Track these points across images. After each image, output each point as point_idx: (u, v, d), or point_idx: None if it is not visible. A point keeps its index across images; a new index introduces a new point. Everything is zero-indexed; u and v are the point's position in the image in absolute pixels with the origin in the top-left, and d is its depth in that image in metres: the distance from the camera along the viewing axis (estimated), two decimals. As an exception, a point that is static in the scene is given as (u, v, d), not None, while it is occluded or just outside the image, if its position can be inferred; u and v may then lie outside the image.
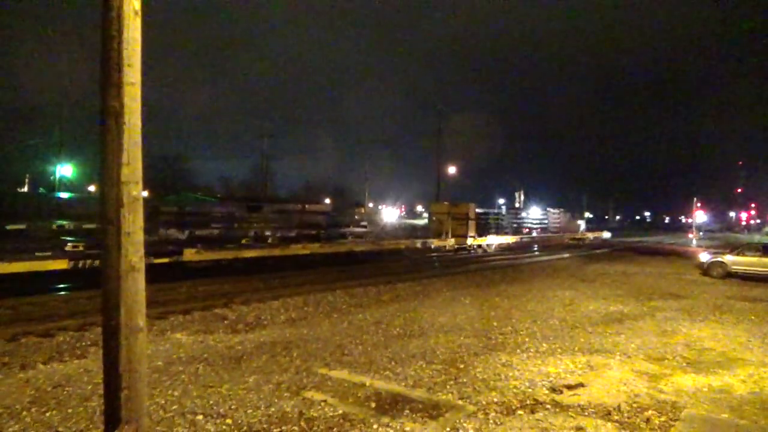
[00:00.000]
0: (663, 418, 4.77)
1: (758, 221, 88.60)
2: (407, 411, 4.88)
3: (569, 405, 5.08)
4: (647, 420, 4.73)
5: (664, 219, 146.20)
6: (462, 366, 6.43)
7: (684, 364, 6.67)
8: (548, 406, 5.04)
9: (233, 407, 4.97)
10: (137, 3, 2.62)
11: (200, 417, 4.72)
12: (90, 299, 10.92)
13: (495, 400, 5.20)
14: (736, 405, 5.20)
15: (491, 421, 4.65)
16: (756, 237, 52.78)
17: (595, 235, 50.69)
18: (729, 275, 17.09)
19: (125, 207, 2.58)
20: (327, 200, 52.70)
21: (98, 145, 2.60)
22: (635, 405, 5.11)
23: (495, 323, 9.18)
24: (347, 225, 25.67)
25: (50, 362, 6.59)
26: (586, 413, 4.88)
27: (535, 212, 54.70)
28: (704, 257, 18.53)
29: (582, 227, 52.94)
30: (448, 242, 28.19)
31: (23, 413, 4.79)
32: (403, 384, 5.73)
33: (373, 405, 5.05)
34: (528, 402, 5.17)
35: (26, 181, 44.81)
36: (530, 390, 5.54)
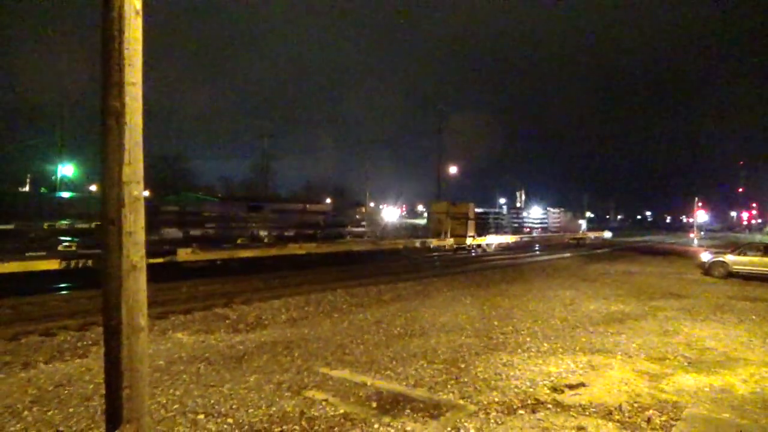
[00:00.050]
0: (664, 418, 4.77)
1: (759, 221, 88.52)
2: (408, 410, 4.88)
3: (570, 405, 5.08)
4: (648, 420, 4.73)
5: (666, 219, 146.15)
6: (463, 365, 6.43)
7: (685, 364, 6.66)
8: (549, 406, 5.04)
9: (234, 406, 4.97)
10: (138, 2, 2.61)
11: (201, 416, 4.72)
12: (90, 299, 10.94)
13: (496, 400, 5.20)
14: (738, 405, 5.19)
15: (492, 421, 4.65)
16: (757, 237, 52.69)
17: (596, 235, 50.63)
18: (730, 275, 17.06)
19: (126, 207, 2.57)
20: (328, 200, 52.69)
21: (99, 145, 2.60)
22: (636, 405, 5.10)
23: (496, 323, 9.17)
24: (345, 225, 25.51)
25: (51, 361, 6.61)
26: (588, 413, 4.87)
27: (537, 212, 54.68)
28: (705, 257, 18.52)
29: (583, 227, 52.89)
30: (448, 242, 28.10)
31: (25, 412, 4.80)
32: (405, 383, 5.73)
33: (375, 404, 5.05)
34: (529, 402, 5.16)
35: (27, 181, 44.80)
36: (531, 389, 5.54)
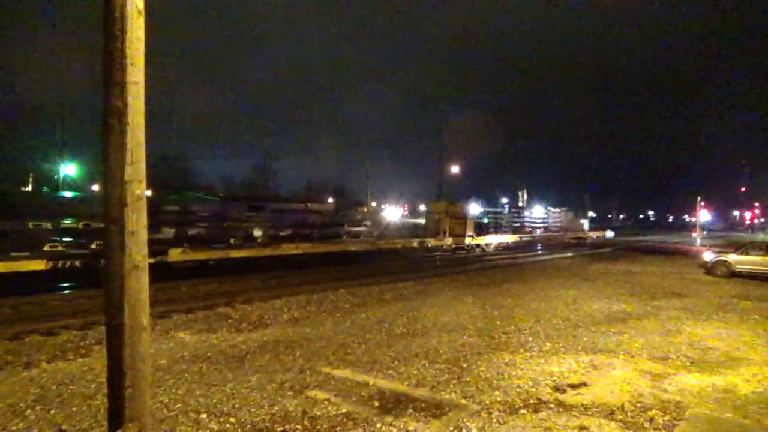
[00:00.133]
0: (667, 418, 4.76)
1: (762, 220, 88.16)
2: (410, 410, 4.88)
3: (573, 404, 5.07)
4: (651, 419, 4.71)
5: (668, 218, 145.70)
6: (465, 365, 6.43)
7: (688, 364, 6.65)
8: (552, 406, 5.03)
9: (237, 406, 4.98)
10: (140, 2, 2.61)
11: (204, 415, 4.73)
12: (91, 298, 10.96)
13: (498, 400, 5.19)
14: (741, 404, 5.17)
15: (494, 421, 4.64)
16: (760, 236, 52.56)
17: (598, 234, 50.50)
18: (733, 274, 17.02)
19: (129, 206, 2.58)
20: (330, 200, 52.65)
21: (101, 145, 2.60)
22: (639, 404, 5.09)
23: (498, 322, 9.17)
24: (341, 224, 25.27)
25: (54, 361, 6.63)
26: (590, 413, 4.87)
27: (539, 211, 54.56)
28: (708, 256, 18.47)
29: (585, 226, 52.71)
30: (446, 241, 27.91)
31: (27, 411, 4.81)
32: (407, 383, 5.73)
33: (377, 404, 5.05)
34: (531, 401, 5.16)
35: (30, 181, 44.88)
36: (533, 389, 5.53)
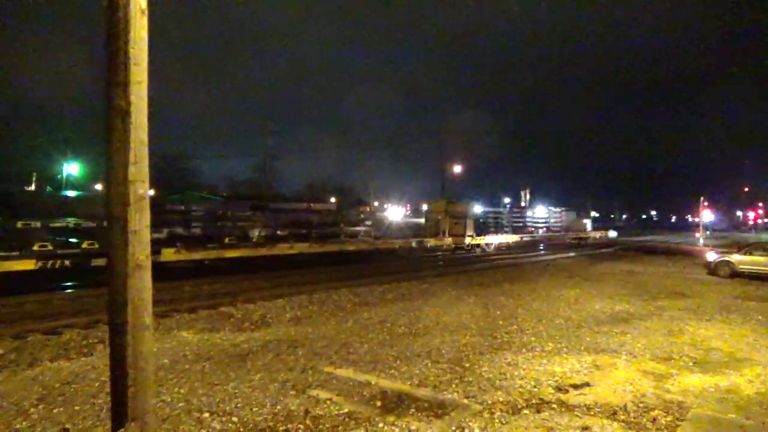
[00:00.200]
0: (669, 418, 4.75)
1: (765, 220, 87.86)
2: (413, 410, 4.88)
3: (575, 404, 5.06)
4: (654, 420, 4.70)
5: (671, 218, 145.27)
6: (467, 365, 6.42)
7: (691, 364, 6.63)
8: (554, 406, 5.02)
9: (239, 405, 4.98)
10: (143, 2, 2.62)
11: (206, 414, 4.74)
12: (95, 297, 10.99)
13: (500, 399, 5.19)
14: (744, 405, 5.16)
15: (497, 420, 4.64)
16: (763, 236, 52.27)
17: (601, 234, 50.41)
18: (736, 275, 16.97)
19: (132, 205, 2.58)
20: (332, 199, 52.64)
21: (104, 144, 2.61)
22: (641, 405, 5.08)
23: (500, 322, 9.16)
24: (338, 224, 25.08)
25: (57, 359, 6.65)
26: (592, 413, 4.86)
27: (541, 211, 54.47)
28: (711, 256, 18.42)
29: (588, 226, 52.64)
30: (446, 241, 27.70)
31: (31, 410, 4.83)
32: (409, 383, 5.73)
33: (379, 404, 5.05)
34: (534, 401, 5.15)
35: (33, 180, 44.98)
36: (536, 389, 5.52)
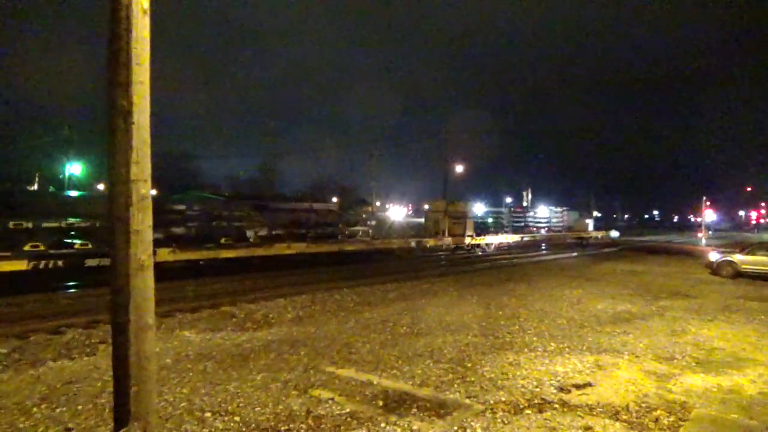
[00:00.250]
0: (672, 418, 4.73)
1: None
2: (415, 410, 4.88)
3: (577, 404, 5.05)
4: (656, 420, 4.69)
5: (673, 218, 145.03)
6: (469, 365, 6.42)
7: (693, 364, 6.61)
8: (556, 406, 5.02)
9: (241, 405, 4.99)
10: (146, 1, 2.62)
11: (208, 414, 4.74)
12: (97, 297, 11.01)
13: (503, 399, 5.18)
14: (746, 405, 5.14)
15: (499, 420, 4.63)
16: (766, 236, 52.18)
17: (603, 234, 50.34)
18: (739, 275, 16.91)
19: (134, 205, 2.59)
20: (334, 199, 52.68)
21: (107, 144, 2.61)
22: (644, 405, 5.07)
23: (502, 322, 9.15)
24: (337, 224, 24.93)
25: (60, 359, 6.67)
26: (595, 413, 4.85)
27: (543, 211, 54.43)
28: (713, 256, 18.37)
29: (590, 226, 52.56)
30: (445, 241, 27.53)
31: (34, 409, 4.84)
32: (411, 383, 5.73)
33: (381, 403, 5.05)
34: (536, 401, 5.14)
35: (36, 180, 45.07)
36: (538, 389, 5.51)
